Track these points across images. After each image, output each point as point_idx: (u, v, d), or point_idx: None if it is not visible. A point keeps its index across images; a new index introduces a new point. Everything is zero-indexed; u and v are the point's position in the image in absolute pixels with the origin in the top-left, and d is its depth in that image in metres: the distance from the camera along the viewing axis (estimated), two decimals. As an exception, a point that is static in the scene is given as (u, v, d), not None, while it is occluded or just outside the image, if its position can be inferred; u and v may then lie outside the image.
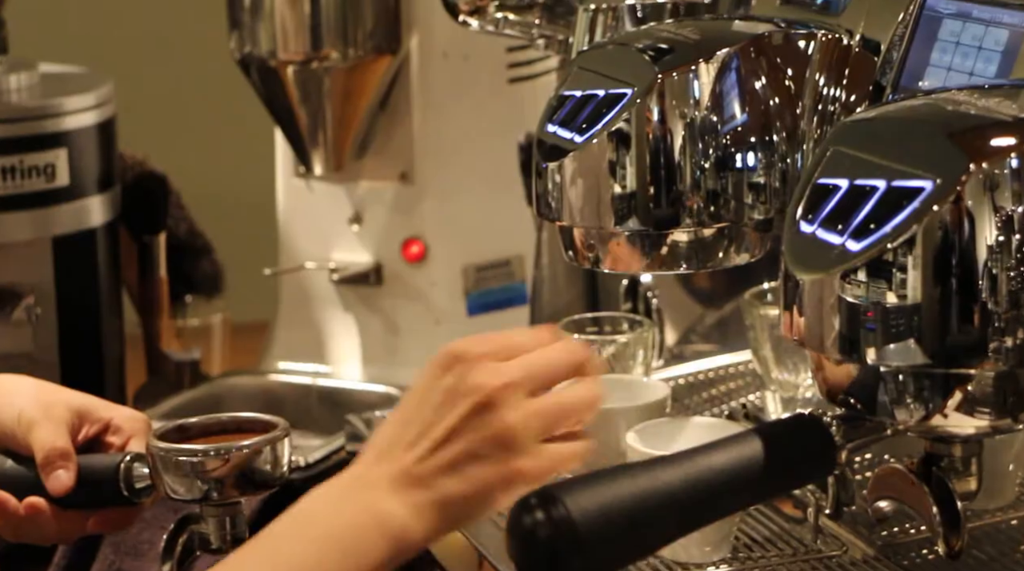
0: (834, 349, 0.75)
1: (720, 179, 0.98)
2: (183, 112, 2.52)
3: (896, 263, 0.73)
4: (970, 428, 0.76)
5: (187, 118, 2.52)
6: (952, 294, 0.73)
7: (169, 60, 2.53)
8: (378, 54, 1.60)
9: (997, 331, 0.73)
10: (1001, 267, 0.72)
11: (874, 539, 1.03)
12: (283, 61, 1.58)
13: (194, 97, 2.51)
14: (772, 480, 0.75)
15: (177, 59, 2.52)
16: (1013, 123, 0.75)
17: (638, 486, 0.71)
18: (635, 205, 0.98)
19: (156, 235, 1.77)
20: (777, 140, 1.00)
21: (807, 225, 0.76)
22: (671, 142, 0.98)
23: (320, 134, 1.62)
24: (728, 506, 0.76)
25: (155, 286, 1.77)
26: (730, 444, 0.74)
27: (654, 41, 1.02)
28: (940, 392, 0.75)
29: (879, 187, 0.75)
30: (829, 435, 0.76)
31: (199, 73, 2.43)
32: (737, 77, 0.99)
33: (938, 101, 0.79)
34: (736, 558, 1.02)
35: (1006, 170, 0.73)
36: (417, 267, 1.66)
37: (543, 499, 0.70)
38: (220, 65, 1.78)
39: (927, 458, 0.79)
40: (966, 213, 0.72)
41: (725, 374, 1.34)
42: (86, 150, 1.65)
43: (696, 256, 1.00)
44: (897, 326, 0.73)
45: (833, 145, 0.79)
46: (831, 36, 1.03)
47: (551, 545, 0.70)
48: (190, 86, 2.52)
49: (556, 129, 1.00)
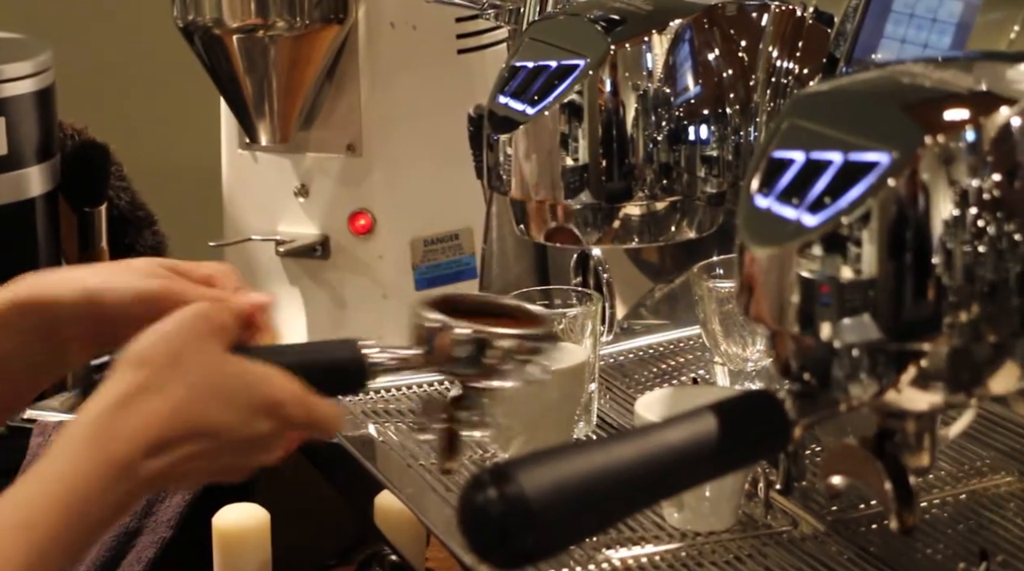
0: (788, 324, 0.75)
1: (673, 152, 0.98)
2: (124, 81, 2.48)
3: (851, 237, 0.72)
4: (924, 404, 0.75)
5: (129, 87, 2.48)
6: (907, 269, 0.72)
7: (110, 27, 2.49)
8: (325, 23, 1.57)
9: (951, 306, 0.72)
10: (956, 241, 0.72)
11: (824, 515, 1.03)
12: (228, 29, 1.56)
13: (136, 65, 2.48)
14: (726, 456, 0.74)
15: (118, 26, 2.48)
16: (968, 96, 0.74)
17: (592, 463, 0.70)
18: (587, 178, 0.97)
19: (97, 206, 1.74)
20: (730, 112, 0.99)
21: (762, 198, 0.76)
22: (624, 114, 0.97)
23: (266, 104, 1.59)
24: (683, 482, 0.75)
25: (96, 258, 1.74)
26: (684, 421, 0.74)
27: (606, 12, 1.01)
28: (894, 367, 0.74)
29: (834, 160, 0.74)
30: (783, 411, 0.75)
31: (141, 41, 2.39)
32: (690, 48, 0.99)
33: (894, 74, 0.78)
34: (685, 533, 1.02)
35: (961, 143, 0.72)
36: (364, 240, 1.64)
37: (495, 476, 0.69)
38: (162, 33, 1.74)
39: (880, 433, 0.78)
40: (921, 187, 0.72)
41: (675, 348, 1.33)
42: (24, 119, 1.62)
43: (648, 230, 0.99)
44: (852, 301, 0.73)
45: (788, 118, 0.78)
46: (784, 8, 1.02)
47: (503, 522, 0.69)
48: (132, 54, 2.48)
49: (508, 100, 0.99)
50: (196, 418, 0.81)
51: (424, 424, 0.91)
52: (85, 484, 0.79)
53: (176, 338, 0.82)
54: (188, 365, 0.81)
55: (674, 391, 1.09)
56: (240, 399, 0.82)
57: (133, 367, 0.82)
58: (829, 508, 1.04)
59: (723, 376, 1.22)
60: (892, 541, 0.98)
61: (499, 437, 1.13)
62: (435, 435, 0.91)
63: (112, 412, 0.80)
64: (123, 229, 1.79)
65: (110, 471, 0.80)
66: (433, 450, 1.05)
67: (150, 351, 0.82)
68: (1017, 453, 1.08)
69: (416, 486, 1.12)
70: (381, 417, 1.23)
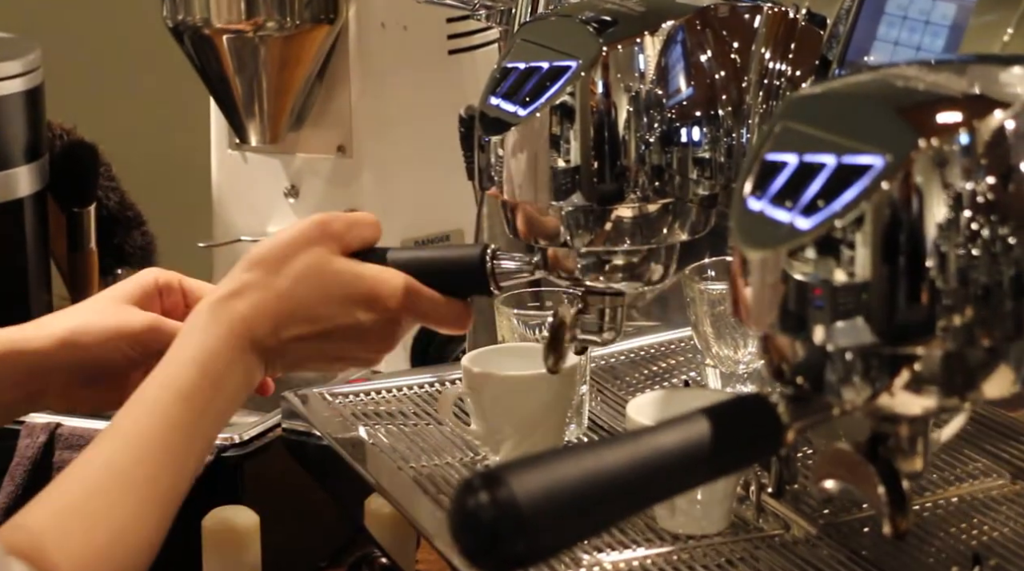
0: (780, 327, 0.74)
1: (665, 154, 0.97)
2: (114, 80, 2.47)
3: (845, 240, 0.72)
4: (917, 408, 0.75)
5: (118, 87, 2.47)
6: (900, 272, 0.72)
7: (99, 26, 2.48)
8: (315, 23, 1.57)
9: (945, 309, 0.72)
10: (950, 245, 0.71)
11: (816, 518, 1.03)
12: (217, 29, 1.55)
13: (125, 65, 2.47)
14: (719, 460, 0.73)
15: (107, 25, 2.47)
16: (962, 99, 0.74)
17: (584, 467, 0.70)
18: (579, 180, 0.97)
19: (86, 206, 1.73)
20: (723, 114, 0.99)
21: (755, 201, 0.75)
22: (616, 116, 0.96)
23: (255, 105, 1.59)
24: (675, 487, 0.74)
25: (85, 259, 1.73)
26: (677, 425, 0.73)
27: (598, 13, 1.00)
28: (888, 371, 0.74)
29: (828, 163, 0.73)
30: (776, 415, 0.75)
31: (130, 40, 2.38)
32: (682, 50, 0.98)
33: (887, 76, 0.78)
34: (676, 536, 1.02)
35: (955, 146, 0.72)
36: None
37: (487, 481, 0.69)
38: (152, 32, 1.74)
39: (873, 438, 0.78)
40: (915, 190, 0.71)
41: (666, 350, 1.33)
42: (13, 118, 1.61)
43: (640, 232, 0.99)
44: (845, 304, 0.72)
45: (782, 120, 0.77)
46: (777, 9, 1.02)
47: (494, 527, 0.69)
48: (121, 53, 2.47)
49: (499, 102, 0.99)
50: (296, 306, 0.93)
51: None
52: (214, 358, 0.91)
53: (289, 243, 0.95)
54: (294, 264, 0.94)
55: (665, 394, 1.09)
56: (337, 292, 0.94)
57: (246, 268, 0.94)
58: (821, 511, 1.03)
59: (714, 378, 1.22)
60: (884, 545, 0.98)
61: (489, 439, 1.13)
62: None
63: (226, 299, 0.93)
64: (112, 229, 1.78)
65: (232, 343, 0.92)
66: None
67: (263, 254, 0.95)
68: (1009, 456, 1.08)
69: (406, 489, 1.12)
70: (371, 419, 1.22)
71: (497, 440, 1.12)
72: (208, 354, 0.91)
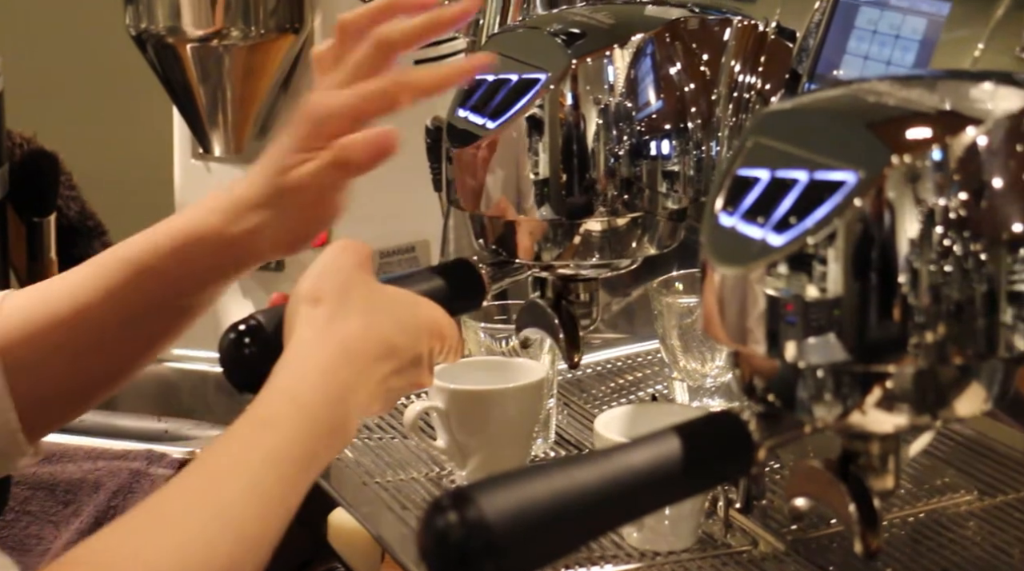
0: (753, 344, 0.74)
1: (634, 167, 0.96)
2: (75, 89, 2.45)
3: (817, 256, 0.71)
4: (889, 425, 0.74)
5: (80, 95, 2.45)
6: (873, 289, 0.71)
7: (61, 34, 2.45)
8: (280, 32, 1.56)
9: (917, 327, 0.71)
10: (922, 261, 0.71)
11: (784, 534, 1.02)
12: (182, 38, 1.53)
13: (87, 73, 2.44)
14: (690, 479, 0.73)
15: (68, 33, 2.45)
16: (934, 115, 0.74)
17: (554, 487, 0.69)
18: (548, 193, 0.96)
19: (46, 216, 1.71)
20: (692, 127, 0.98)
21: (727, 217, 0.75)
22: (585, 129, 0.96)
23: (220, 114, 1.57)
24: (646, 506, 0.74)
25: (45, 269, 1.71)
26: (647, 443, 0.72)
27: (566, 25, 1.00)
28: (859, 389, 0.73)
29: (800, 179, 0.73)
30: (747, 433, 0.74)
31: (92, 48, 2.36)
32: (652, 63, 0.98)
33: (859, 92, 0.77)
34: (644, 553, 1.01)
35: (928, 163, 0.71)
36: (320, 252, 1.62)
37: (456, 500, 0.68)
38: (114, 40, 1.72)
39: (844, 455, 0.78)
40: (888, 207, 0.71)
41: (633, 363, 1.33)
42: (-28, 127, 1.59)
43: (609, 246, 0.98)
44: (817, 321, 0.72)
45: (753, 136, 0.77)
46: (747, 22, 1.02)
47: (464, 547, 0.68)
48: (83, 62, 2.45)
49: (467, 114, 0.98)
50: (383, 337, 0.85)
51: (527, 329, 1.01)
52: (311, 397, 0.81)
53: (337, 272, 0.87)
54: (357, 293, 0.86)
55: (633, 409, 1.08)
56: (409, 322, 0.87)
57: (312, 303, 0.86)
58: (789, 527, 1.03)
59: (682, 391, 1.21)
60: (851, 560, 0.98)
61: (456, 454, 1.12)
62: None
63: (316, 337, 0.84)
64: (73, 239, 1.76)
65: (329, 384, 0.82)
66: None
67: (320, 288, 0.86)
68: (977, 471, 1.08)
69: (371, 504, 1.11)
70: (336, 433, 1.21)
71: (463, 455, 1.11)
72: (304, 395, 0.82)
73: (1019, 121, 0.72)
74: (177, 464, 1.30)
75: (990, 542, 1.00)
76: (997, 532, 1.01)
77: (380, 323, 0.85)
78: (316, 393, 0.81)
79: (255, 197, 0.97)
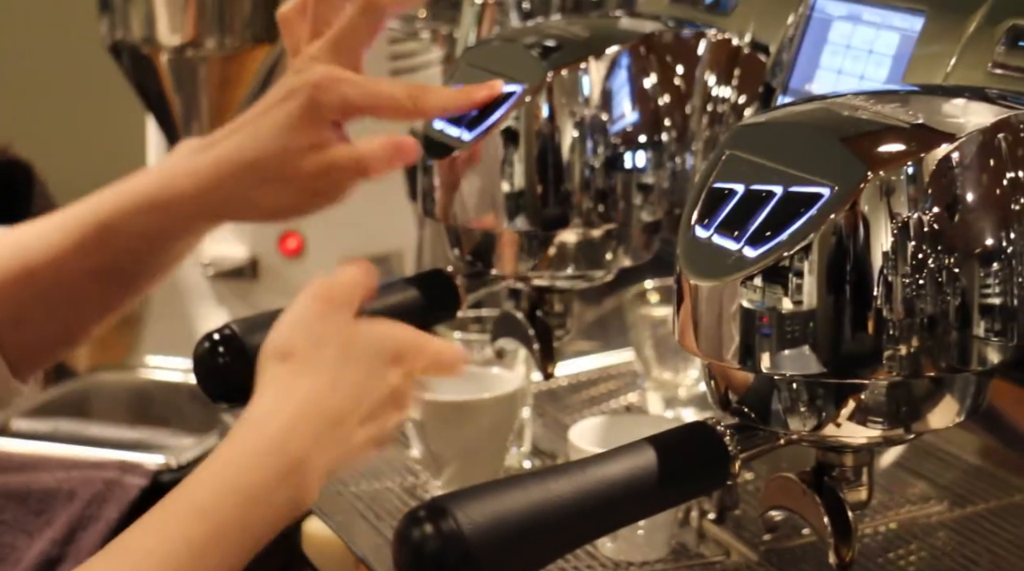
0: (728, 357, 0.74)
1: (609, 179, 0.97)
2: (50, 98, 2.44)
3: (792, 269, 0.72)
4: (863, 438, 0.75)
5: (54, 104, 2.44)
6: (847, 302, 0.72)
7: (34, 43, 2.45)
8: (256, 43, 1.56)
9: (892, 340, 0.72)
10: (896, 275, 0.72)
11: (757, 544, 1.03)
12: (157, 48, 1.53)
13: (62, 82, 2.44)
14: (665, 491, 0.73)
15: (44, 42, 2.44)
16: (909, 130, 0.74)
17: (530, 498, 0.69)
18: (523, 204, 0.96)
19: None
20: (667, 140, 0.99)
21: (702, 230, 0.75)
22: (560, 141, 0.96)
23: (195, 124, 1.57)
24: (623, 518, 0.74)
25: (18, 278, 1.70)
26: (623, 454, 0.73)
27: (541, 38, 1.00)
28: (834, 401, 0.74)
29: (776, 193, 0.73)
30: (723, 445, 0.75)
31: (67, 58, 2.35)
32: (627, 75, 0.98)
33: (833, 106, 0.78)
34: (617, 563, 1.02)
35: (902, 177, 0.72)
36: (294, 261, 1.62)
37: (432, 511, 0.68)
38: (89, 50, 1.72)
39: (818, 468, 0.78)
40: (863, 221, 0.72)
41: (607, 374, 1.33)
42: (-55, 136, 1.58)
43: (584, 258, 0.98)
44: (792, 334, 0.72)
45: (728, 149, 0.77)
46: (721, 36, 1.02)
47: (440, 559, 0.68)
48: (57, 71, 2.44)
49: (443, 126, 0.98)
50: (353, 388, 0.81)
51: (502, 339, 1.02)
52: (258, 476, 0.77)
53: (310, 325, 0.83)
54: (332, 344, 0.82)
55: (607, 419, 1.09)
56: (369, 359, 0.82)
57: (280, 359, 0.82)
58: (762, 538, 1.03)
59: (656, 402, 1.22)
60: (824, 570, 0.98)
61: (431, 463, 1.12)
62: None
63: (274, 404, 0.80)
64: (46, 248, 1.75)
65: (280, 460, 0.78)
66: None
67: (291, 342, 0.82)
68: (947, 482, 1.09)
69: (345, 513, 1.11)
70: (310, 443, 1.21)
71: (438, 464, 1.11)
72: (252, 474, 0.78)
73: (991, 136, 0.73)
74: (151, 474, 1.30)
75: (960, 552, 1.01)
76: (967, 542, 1.02)
77: (350, 374, 0.81)
78: (266, 471, 0.78)
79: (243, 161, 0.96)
